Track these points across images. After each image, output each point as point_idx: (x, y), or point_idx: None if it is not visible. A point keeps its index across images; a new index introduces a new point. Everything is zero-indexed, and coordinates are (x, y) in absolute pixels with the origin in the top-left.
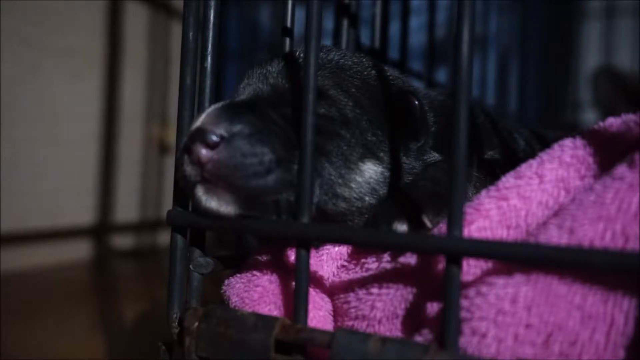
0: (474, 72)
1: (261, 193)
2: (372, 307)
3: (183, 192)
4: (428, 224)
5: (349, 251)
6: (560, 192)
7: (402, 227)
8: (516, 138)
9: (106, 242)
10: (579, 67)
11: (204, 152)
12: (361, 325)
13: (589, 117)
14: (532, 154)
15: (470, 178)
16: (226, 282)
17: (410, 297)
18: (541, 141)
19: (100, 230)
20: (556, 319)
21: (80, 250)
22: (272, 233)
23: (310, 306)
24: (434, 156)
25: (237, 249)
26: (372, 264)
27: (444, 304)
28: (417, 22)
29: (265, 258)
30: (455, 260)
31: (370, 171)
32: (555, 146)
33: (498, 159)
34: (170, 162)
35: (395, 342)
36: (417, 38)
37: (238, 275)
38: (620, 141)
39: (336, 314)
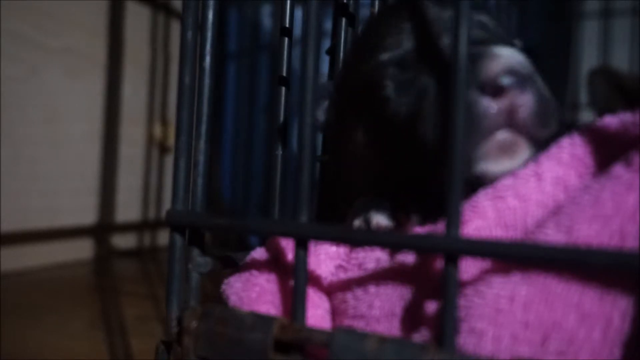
0: None
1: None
2: (370, 306)
3: (182, 190)
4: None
5: (346, 250)
6: (557, 192)
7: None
8: None
9: (107, 242)
10: (577, 67)
11: (519, 96)
12: (359, 324)
13: (588, 117)
14: None
15: None
16: (225, 281)
17: (408, 296)
18: None
19: (101, 230)
20: (554, 317)
21: (80, 250)
22: (270, 232)
23: (308, 305)
24: None
25: (238, 249)
26: (369, 263)
27: (442, 302)
28: None
29: (263, 257)
30: (453, 260)
31: None
32: (553, 145)
33: None
34: (170, 162)
35: (394, 342)
36: None
37: (237, 274)
38: (618, 140)
39: (334, 312)
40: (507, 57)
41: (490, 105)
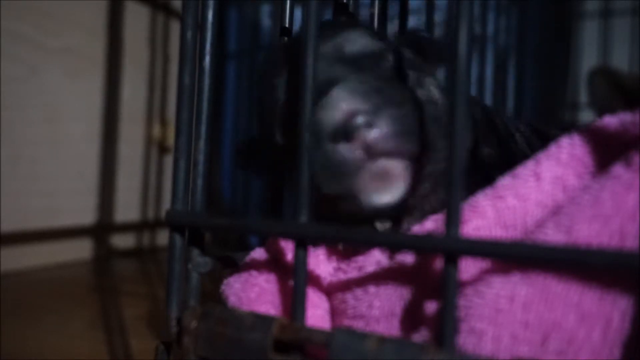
0: (472, 72)
1: (431, 160)
2: (370, 306)
3: (182, 190)
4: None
5: (345, 250)
6: (557, 191)
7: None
8: (515, 136)
9: (106, 242)
10: (577, 67)
11: (369, 132)
12: (359, 324)
13: (588, 117)
14: (531, 153)
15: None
16: (225, 281)
17: (408, 296)
18: (542, 138)
19: (101, 230)
20: (553, 317)
21: (80, 250)
22: (270, 232)
23: (308, 305)
24: None
25: (238, 249)
26: (368, 263)
27: (442, 302)
28: (415, 22)
29: (263, 257)
30: (452, 260)
31: None
32: (552, 145)
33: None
34: (170, 162)
35: (393, 342)
36: None
37: (237, 274)
38: (617, 140)
39: (334, 312)
40: (344, 100)
41: (346, 150)
